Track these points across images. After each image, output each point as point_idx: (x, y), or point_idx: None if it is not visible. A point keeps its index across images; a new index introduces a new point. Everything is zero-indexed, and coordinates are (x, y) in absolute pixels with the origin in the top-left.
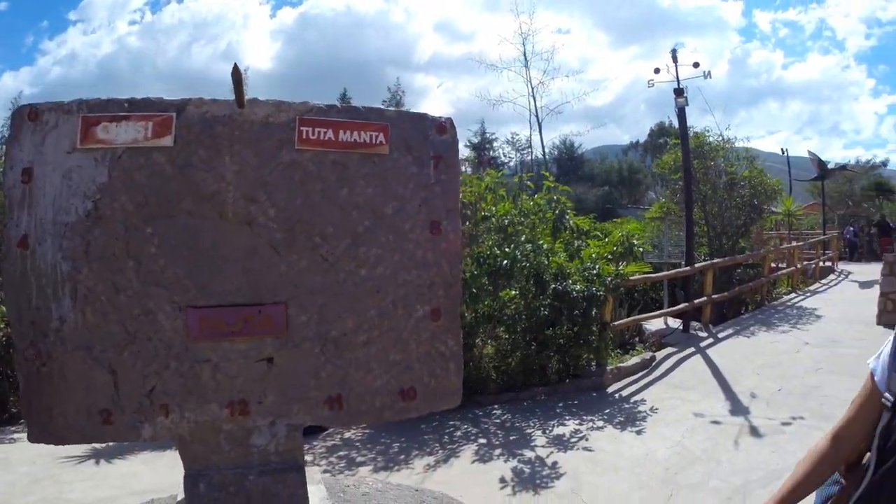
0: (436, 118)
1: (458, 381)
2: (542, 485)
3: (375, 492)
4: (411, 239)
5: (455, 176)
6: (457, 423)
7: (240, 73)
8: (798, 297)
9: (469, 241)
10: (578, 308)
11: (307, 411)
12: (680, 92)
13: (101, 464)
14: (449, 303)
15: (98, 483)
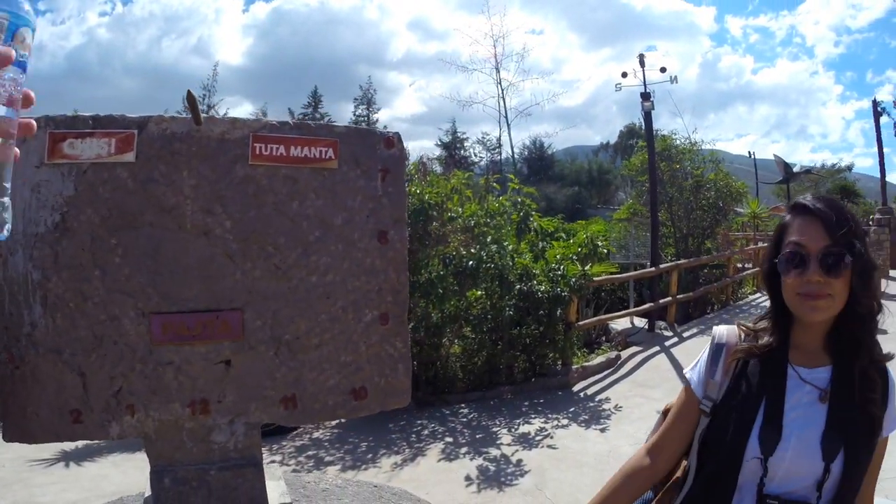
0: (384, 133)
1: (407, 381)
2: (506, 482)
3: (335, 488)
4: (360, 248)
5: (401, 188)
6: (424, 422)
7: (194, 98)
8: (763, 296)
9: (436, 242)
10: (543, 308)
11: (264, 410)
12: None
13: (70, 466)
14: (396, 308)
15: (69, 486)
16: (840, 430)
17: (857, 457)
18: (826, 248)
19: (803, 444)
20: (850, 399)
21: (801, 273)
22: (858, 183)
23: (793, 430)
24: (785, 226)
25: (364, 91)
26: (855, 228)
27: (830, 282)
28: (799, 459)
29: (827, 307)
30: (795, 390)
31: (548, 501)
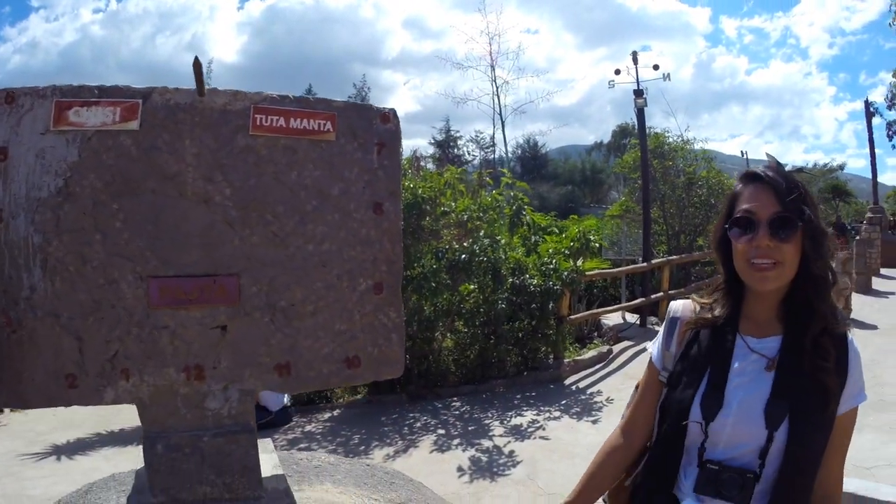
0: (380, 109)
1: (401, 351)
2: (499, 472)
3: (328, 465)
4: (356, 218)
5: (397, 162)
6: (417, 414)
7: (200, 64)
8: None
9: (429, 236)
10: (536, 302)
11: (258, 377)
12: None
13: (62, 460)
14: (391, 278)
15: (59, 479)
16: (786, 398)
17: (806, 426)
18: (776, 213)
19: (745, 411)
20: (798, 367)
21: (751, 238)
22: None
23: (735, 396)
24: (736, 194)
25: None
26: (805, 196)
27: (780, 247)
28: (741, 426)
29: (776, 276)
30: (742, 359)
31: (540, 491)
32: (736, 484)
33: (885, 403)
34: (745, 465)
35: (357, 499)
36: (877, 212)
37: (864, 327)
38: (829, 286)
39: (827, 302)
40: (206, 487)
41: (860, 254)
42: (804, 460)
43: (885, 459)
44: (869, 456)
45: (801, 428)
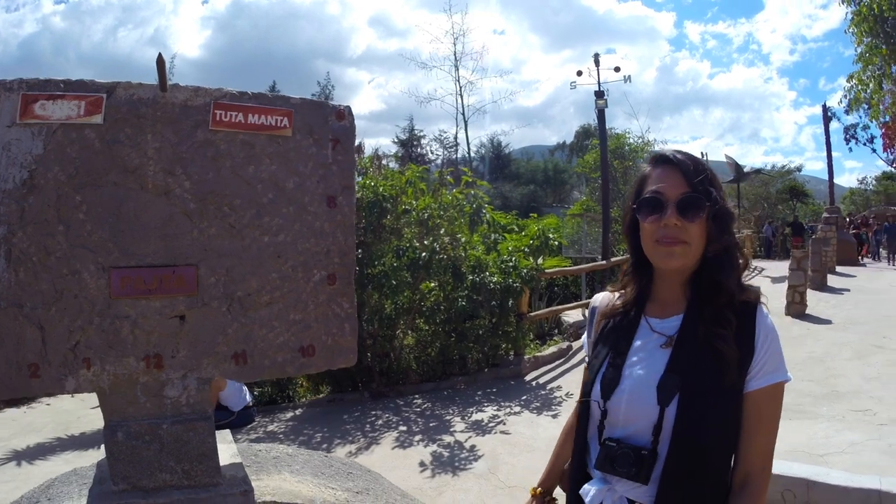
0: (335, 106)
1: (354, 341)
2: (460, 466)
3: (286, 455)
4: (310, 211)
5: (351, 157)
6: (378, 412)
7: (164, 61)
8: None
9: (390, 234)
10: (496, 299)
11: (215, 365)
12: (600, 94)
13: (22, 465)
14: (344, 269)
15: (20, 484)
16: (679, 373)
17: (698, 400)
18: (684, 193)
19: (638, 388)
20: (695, 340)
21: (659, 217)
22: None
23: (630, 374)
24: (645, 177)
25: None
26: (712, 178)
27: (687, 226)
28: (634, 403)
29: (683, 254)
30: (643, 339)
31: (500, 484)
32: (629, 460)
33: (839, 394)
34: (639, 443)
35: (314, 487)
36: (833, 212)
37: (819, 322)
38: (736, 266)
39: (733, 278)
40: (166, 474)
41: (816, 252)
42: (697, 436)
43: (838, 447)
44: (822, 444)
45: (693, 402)
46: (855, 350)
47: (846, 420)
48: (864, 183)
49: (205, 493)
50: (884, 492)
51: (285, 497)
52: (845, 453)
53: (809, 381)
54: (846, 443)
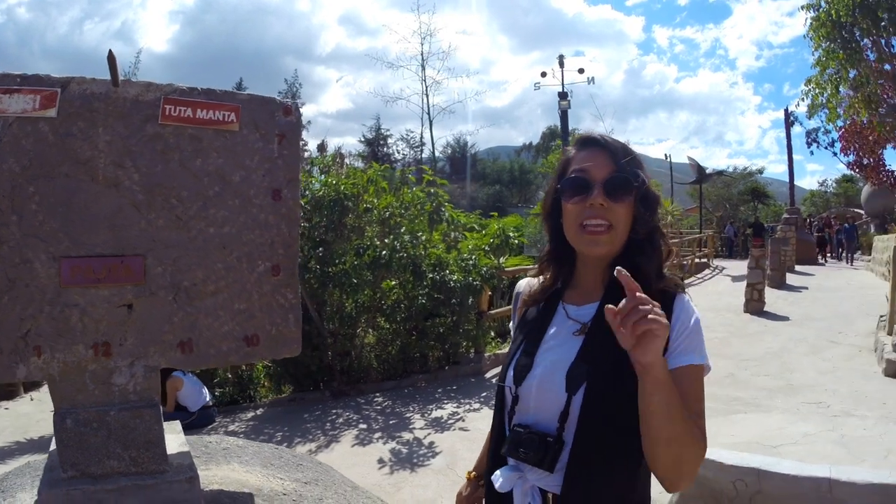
0: (282, 102)
1: (298, 331)
2: (419, 463)
3: (236, 447)
4: (255, 203)
5: (296, 151)
6: (339, 410)
7: (114, 57)
8: None
9: (351, 233)
10: (456, 297)
11: (162, 354)
12: (563, 95)
13: None
14: (288, 261)
15: None
16: (589, 362)
17: (605, 389)
18: (611, 173)
19: (548, 375)
20: (608, 331)
21: (585, 198)
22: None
23: (542, 361)
24: (569, 159)
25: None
26: (638, 160)
27: (613, 207)
28: (544, 390)
29: (608, 240)
30: (558, 325)
31: (459, 479)
32: (534, 446)
33: (793, 388)
34: (546, 430)
35: (263, 478)
36: (793, 213)
37: (777, 319)
38: (658, 252)
39: (653, 264)
40: (114, 461)
41: (775, 251)
42: (602, 425)
43: (791, 438)
44: (776, 435)
45: (600, 392)
46: (811, 345)
47: (800, 412)
48: (824, 185)
49: (151, 480)
50: (834, 480)
51: (232, 486)
52: (798, 444)
53: (765, 376)
54: (800, 434)
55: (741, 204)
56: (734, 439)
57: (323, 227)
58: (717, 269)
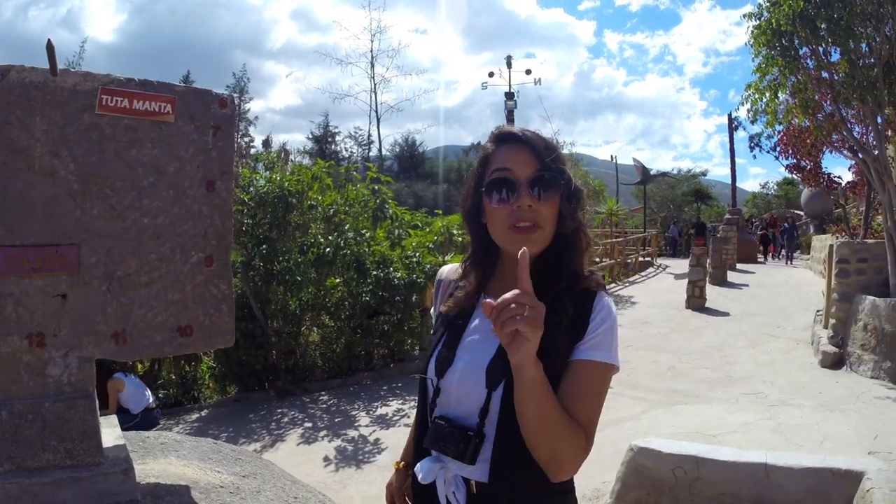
0: (218, 94)
1: (231, 322)
2: (364, 459)
3: (174, 442)
4: (189, 194)
5: (230, 143)
6: (284, 410)
7: (53, 47)
8: (618, 286)
9: (296, 230)
10: (400, 295)
11: (96, 344)
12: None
13: None
14: (221, 251)
15: None
16: (507, 359)
17: None
18: (536, 172)
19: (469, 370)
20: None
21: (511, 200)
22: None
23: (463, 355)
24: (488, 156)
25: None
26: (561, 156)
27: (541, 208)
28: (464, 384)
29: (538, 240)
30: (480, 319)
31: None
32: (454, 439)
33: (733, 380)
34: (467, 423)
35: (200, 471)
36: (734, 213)
37: (718, 314)
38: (582, 248)
39: (576, 261)
40: (49, 454)
41: (717, 250)
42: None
43: (730, 427)
44: (716, 425)
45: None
46: (750, 339)
47: (739, 403)
48: (766, 187)
49: (87, 472)
50: (770, 465)
51: (169, 479)
52: (737, 433)
53: (706, 369)
54: (739, 423)
55: (685, 205)
56: (675, 429)
57: (267, 224)
58: (660, 268)
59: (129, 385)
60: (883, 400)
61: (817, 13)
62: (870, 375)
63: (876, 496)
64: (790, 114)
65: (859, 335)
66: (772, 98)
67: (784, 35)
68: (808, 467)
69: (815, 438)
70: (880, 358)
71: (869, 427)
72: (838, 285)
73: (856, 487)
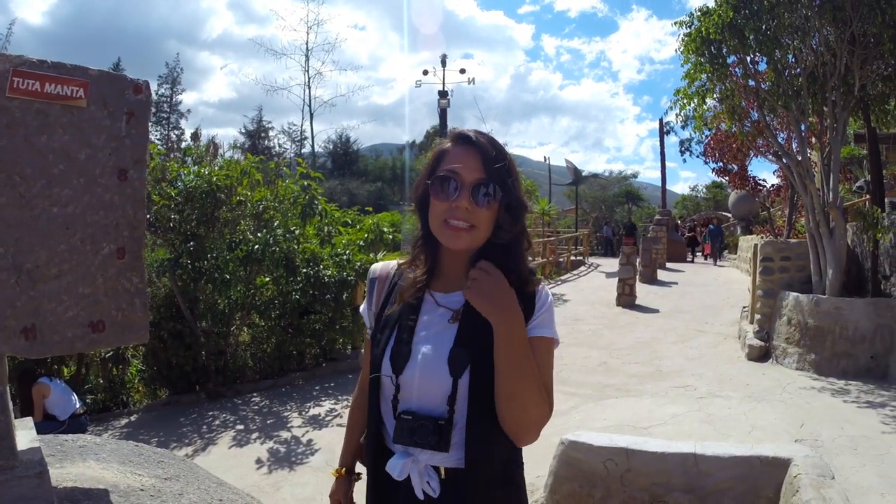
0: (133, 79)
1: (145, 317)
2: (297, 461)
3: (93, 445)
4: (101, 183)
5: (144, 131)
6: (216, 412)
7: None
8: (550, 284)
9: (224, 227)
10: (330, 293)
11: (5, 341)
12: (443, 94)
13: None
14: (133, 243)
15: None
16: (467, 347)
17: (486, 371)
18: (480, 179)
19: (430, 362)
20: (480, 316)
21: (450, 199)
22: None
23: (420, 349)
24: (443, 152)
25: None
26: (510, 167)
27: (477, 212)
28: (427, 376)
29: (470, 239)
30: (429, 313)
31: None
32: (429, 430)
33: (663, 373)
34: (435, 413)
35: (120, 474)
36: (664, 214)
37: (648, 311)
38: (522, 251)
39: (514, 260)
40: None
41: (647, 249)
42: (489, 402)
43: (660, 419)
44: (647, 417)
45: (483, 374)
46: (679, 334)
47: (669, 395)
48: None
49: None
50: (699, 454)
51: (87, 483)
52: (667, 424)
53: (636, 364)
54: (669, 415)
55: (616, 206)
56: (606, 423)
57: (195, 220)
58: (592, 266)
59: (55, 390)
60: (808, 390)
61: (746, 24)
62: (794, 367)
63: (803, 482)
64: (717, 119)
65: (784, 329)
66: (700, 103)
67: (713, 43)
68: (737, 456)
69: (744, 428)
70: (804, 350)
71: (795, 416)
72: (763, 282)
73: (783, 474)
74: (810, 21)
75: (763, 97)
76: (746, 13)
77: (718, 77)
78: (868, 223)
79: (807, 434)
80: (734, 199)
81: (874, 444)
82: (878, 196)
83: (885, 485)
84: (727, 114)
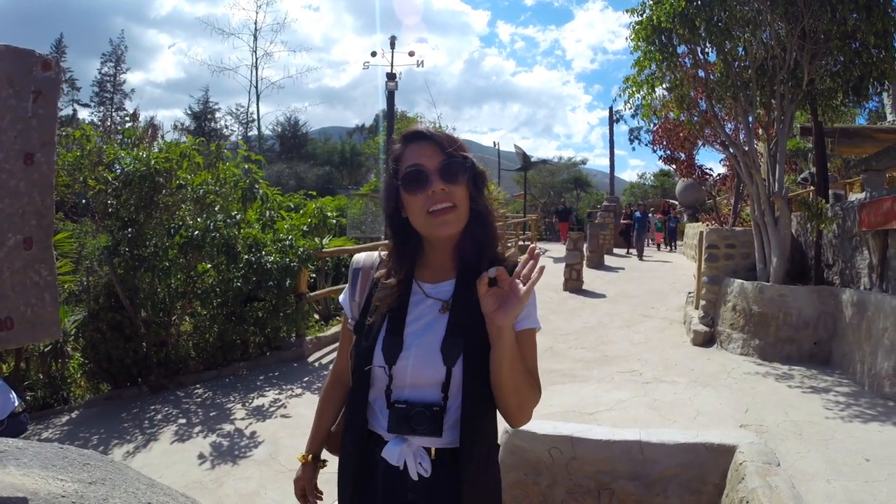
0: (42, 55)
1: (56, 312)
2: (240, 455)
3: (14, 449)
4: (5, 169)
5: (53, 111)
6: (158, 406)
7: None
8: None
9: (163, 211)
10: (273, 279)
11: None
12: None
13: None
14: (41, 233)
15: None
16: (460, 335)
17: (479, 358)
18: (443, 161)
19: (423, 352)
20: (470, 306)
21: (425, 187)
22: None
23: (413, 340)
24: (399, 155)
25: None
26: (462, 146)
27: (452, 190)
28: (421, 366)
29: (455, 219)
30: (419, 304)
31: (282, 468)
32: (425, 418)
33: (609, 359)
34: (430, 400)
35: (41, 480)
36: (612, 201)
37: (594, 296)
38: (493, 221)
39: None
40: None
41: (594, 234)
42: (483, 386)
43: (606, 405)
44: (592, 403)
45: (474, 360)
46: (625, 320)
47: (615, 381)
48: (643, 178)
49: None
50: (644, 441)
51: (6, 491)
52: (613, 410)
53: (582, 349)
54: (615, 401)
55: (565, 191)
56: (552, 409)
57: (133, 205)
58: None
59: None
60: (752, 375)
61: (697, 13)
62: (739, 352)
63: (749, 469)
64: (666, 108)
65: (728, 315)
66: (649, 92)
67: (664, 32)
68: (682, 443)
69: (689, 413)
70: (748, 336)
71: (740, 401)
72: (708, 269)
73: (729, 461)
74: (762, 15)
75: (712, 87)
76: (698, 3)
77: (668, 66)
78: (812, 213)
79: (752, 419)
80: (681, 188)
81: (818, 429)
82: (823, 188)
83: (831, 470)
84: (676, 103)
